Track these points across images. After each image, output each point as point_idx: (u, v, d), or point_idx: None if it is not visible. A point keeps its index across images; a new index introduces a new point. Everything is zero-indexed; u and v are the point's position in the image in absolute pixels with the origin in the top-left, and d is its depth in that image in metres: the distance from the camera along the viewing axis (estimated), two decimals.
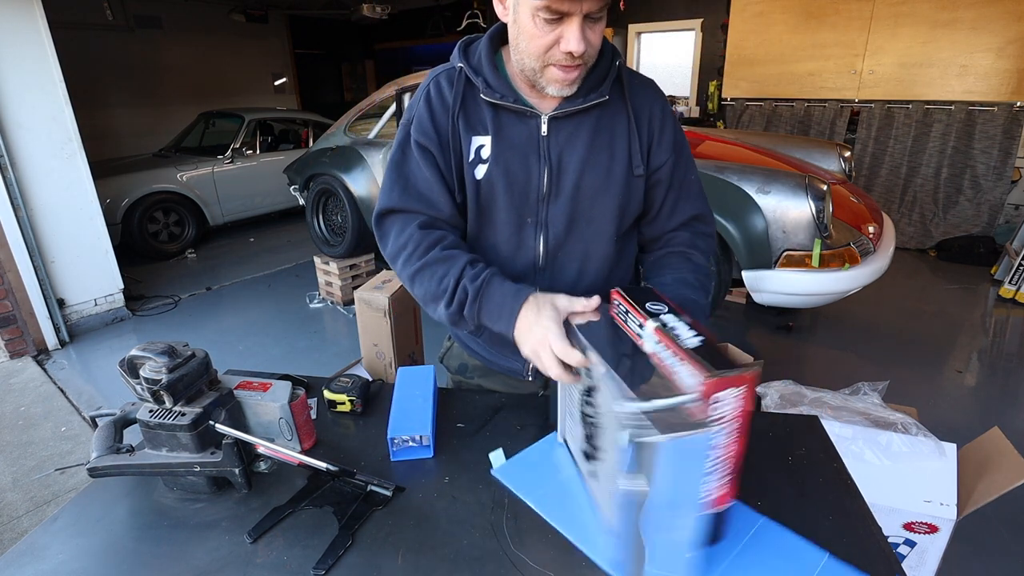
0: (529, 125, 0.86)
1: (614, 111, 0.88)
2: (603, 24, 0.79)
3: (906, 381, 2.61)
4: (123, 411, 0.86)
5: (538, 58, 0.79)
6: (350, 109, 4.04)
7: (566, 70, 0.79)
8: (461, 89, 0.87)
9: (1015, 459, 1.22)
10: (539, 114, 0.85)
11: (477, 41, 0.89)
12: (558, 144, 0.86)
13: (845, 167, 3.14)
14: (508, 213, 0.88)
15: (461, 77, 0.87)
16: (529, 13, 0.75)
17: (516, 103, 0.85)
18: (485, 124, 0.86)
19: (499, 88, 0.85)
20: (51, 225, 3.21)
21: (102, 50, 6.46)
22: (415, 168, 0.88)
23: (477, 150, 0.86)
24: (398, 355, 2.23)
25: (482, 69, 0.86)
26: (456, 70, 0.87)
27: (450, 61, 0.90)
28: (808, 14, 4.52)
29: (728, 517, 0.69)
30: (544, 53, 0.78)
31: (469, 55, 0.88)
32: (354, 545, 0.72)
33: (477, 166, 0.87)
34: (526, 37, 0.78)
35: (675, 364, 0.61)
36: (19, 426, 2.48)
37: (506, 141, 0.86)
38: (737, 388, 0.57)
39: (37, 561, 0.71)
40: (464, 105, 0.87)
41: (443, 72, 0.89)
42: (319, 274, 3.92)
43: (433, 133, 0.87)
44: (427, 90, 0.89)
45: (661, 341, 0.64)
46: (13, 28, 2.95)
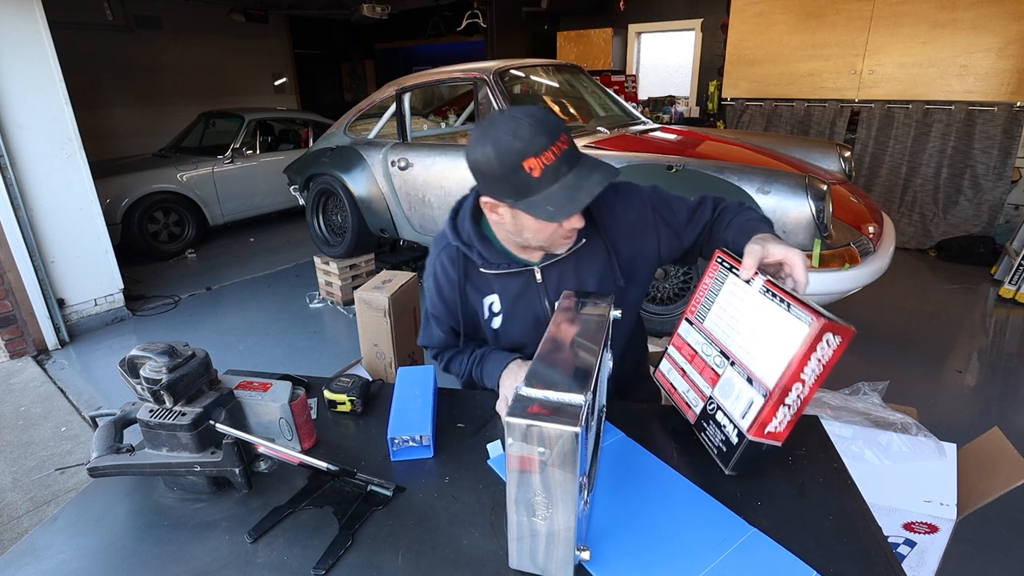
0: (525, 276, 1.05)
1: (592, 246, 1.04)
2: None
3: (906, 381, 2.61)
4: (123, 411, 0.86)
5: (547, 239, 0.95)
6: (350, 109, 4.03)
7: (570, 236, 0.98)
8: (462, 264, 1.06)
9: (1015, 459, 1.22)
10: (532, 266, 1.04)
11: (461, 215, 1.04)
12: (553, 284, 1.05)
13: (845, 167, 3.14)
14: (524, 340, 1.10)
15: (459, 255, 1.05)
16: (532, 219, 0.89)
17: (511, 266, 1.03)
18: (491, 285, 1.06)
19: (493, 258, 1.02)
20: (51, 225, 3.21)
21: (102, 50, 6.46)
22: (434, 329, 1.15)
23: (490, 306, 1.08)
24: (398, 355, 2.23)
25: (473, 244, 1.02)
26: (453, 248, 1.05)
27: (444, 236, 1.07)
28: (808, 14, 4.52)
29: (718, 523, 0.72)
30: (552, 235, 0.94)
31: (459, 232, 1.04)
32: (354, 545, 0.72)
33: (493, 319, 1.09)
34: (532, 231, 0.93)
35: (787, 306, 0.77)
36: (19, 426, 2.48)
37: (510, 294, 1.06)
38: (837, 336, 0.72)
39: (37, 561, 0.71)
40: (468, 276, 1.07)
41: (443, 251, 1.08)
42: (319, 274, 3.92)
43: (441, 306, 1.10)
44: (434, 271, 1.09)
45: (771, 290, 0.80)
46: (13, 28, 2.95)
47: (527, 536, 0.64)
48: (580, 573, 0.67)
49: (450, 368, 1.18)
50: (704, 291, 0.94)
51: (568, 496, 0.60)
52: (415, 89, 3.57)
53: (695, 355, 0.94)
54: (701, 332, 0.94)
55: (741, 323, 0.85)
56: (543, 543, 0.64)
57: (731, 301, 0.88)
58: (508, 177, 0.86)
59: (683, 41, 6.28)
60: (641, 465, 0.87)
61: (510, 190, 0.87)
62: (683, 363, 0.97)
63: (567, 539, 0.63)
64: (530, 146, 0.83)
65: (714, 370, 0.88)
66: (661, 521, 0.75)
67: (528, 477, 0.61)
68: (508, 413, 0.60)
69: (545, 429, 0.58)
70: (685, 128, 3.76)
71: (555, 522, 0.62)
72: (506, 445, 0.61)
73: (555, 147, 0.84)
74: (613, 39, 6.23)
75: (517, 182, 0.85)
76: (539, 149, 0.83)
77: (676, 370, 0.98)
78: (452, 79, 3.42)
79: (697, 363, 0.93)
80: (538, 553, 0.65)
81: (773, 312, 0.79)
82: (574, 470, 0.59)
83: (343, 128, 3.96)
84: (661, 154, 2.70)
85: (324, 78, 9.81)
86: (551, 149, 0.84)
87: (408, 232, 3.66)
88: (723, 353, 0.87)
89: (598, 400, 0.76)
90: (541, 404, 0.61)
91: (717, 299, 0.90)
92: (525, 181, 0.85)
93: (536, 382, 0.64)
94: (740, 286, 0.86)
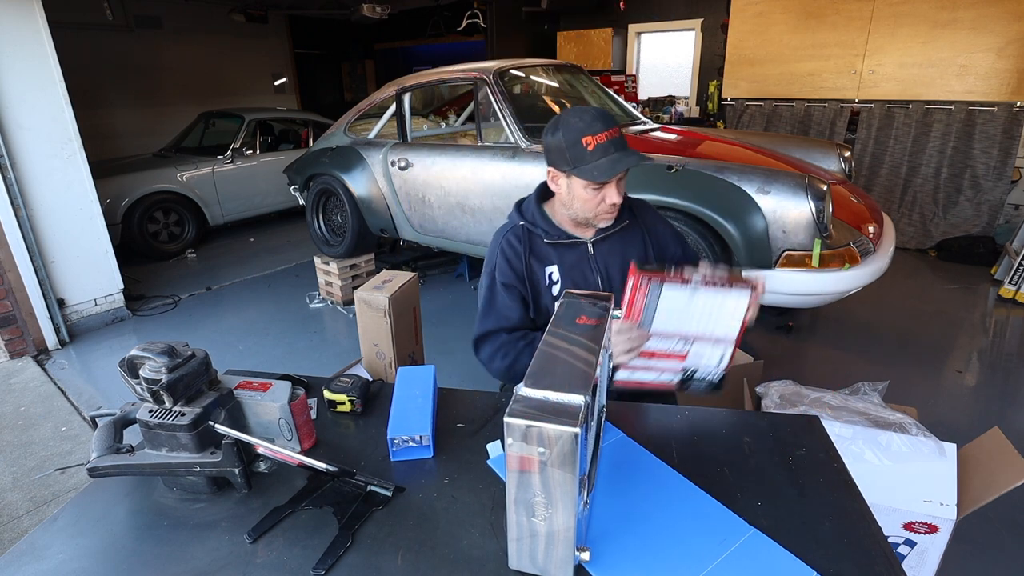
0: (579, 250, 1.28)
1: (632, 230, 1.32)
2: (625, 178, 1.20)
3: (906, 381, 2.61)
4: (123, 411, 0.86)
5: (591, 211, 1.20)
6: (350, 109, 4.03)
7: (611, 213, 1.22)
8: (527, 239, 1.26)
9: (1015, 459, 1.22)
10: (585, 241, 1.28)
11: (527, 201, 1.31)
12: (603, 257, 1.28)
13: (845, 167, 3.14)
14: None
15: (524, 231, 1.27)
16: (582, 186, 1.16)
17: (569, 239, 1.27)
18: (551, 257, 1.27)
19: (553, 232, 1.26)
20: (51, 225, 3.21)
21: (102, 50, 6.46)
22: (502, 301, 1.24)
23: (550, 275, 1.26)
24: (398, 355, 2.23)
25: (537, 222, 1.27)
26: (520, 227, 1.27)
27: (510, 220, 1.31)
28: (808, 14, 4.52)
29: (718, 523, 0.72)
30: (595, 208, 1.19)
31: (524, 213, 1.29)
32: (354, 545, 0.72)
33: (552, 287, 1.27)
34: (580, 201, 1.19)
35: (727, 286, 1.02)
36: (19, 426, 2.48)
37: (567, 265, 1.27)
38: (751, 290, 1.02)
39: (37, 561, 0.71)
40: (532, 250, 1.26)
41: (510, 230, 1.28)
42: (319, 274, 3.92)
43: (511, 274, 1.25)
44: (501, 246, 1.27)
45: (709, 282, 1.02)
46: (13, 28, 2.95)
47: (527, 536, 0.64)
48: (580, 573, 0.67)
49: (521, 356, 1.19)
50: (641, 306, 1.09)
51: (568, 496, 0.60)
52: (415, 89, 3.57)
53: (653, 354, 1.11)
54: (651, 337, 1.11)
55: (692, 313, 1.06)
56: (543, 543, 0.64)
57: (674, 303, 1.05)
58: (569, 149, 1.13)
59: (683, 41, 6.28)
60: (641, 465, 0.87)
61: (569, 159, 1.13)
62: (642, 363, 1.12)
63: (567, 539, 0.63)
64: (590, 127, 1.12)
65: (679, 353, 1.10)
66: (661, 521, 0.75)
67: (528, 477, 0.61)
68: (507, 414, 0.60)
69: (545, 429, 0.58)
70: (685, 128, 3.77)
71: (555, 522, 0.62)
72: (506, 445, 0.61)
73: (608, 132, 1.12)
74: (613, 39, 6.23)
75: (575, 154, 1.12)
76: (596, 131, 1.11)
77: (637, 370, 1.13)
78: (452, 79, 3.42)
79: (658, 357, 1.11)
80: (538, 553, 0.65)
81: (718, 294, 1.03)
82: (574, 470, 0.59)
83: (343, 128, 3.96)
84: (661, 154, 2.70)
85: (324, 78, 9.81)
86: (605, 133, 1.12)
87: (408, 232, 3.66)
88: (683, 339, 1.08)
89: (598, 400, 0.76)
90: (541, 404, 0.61)
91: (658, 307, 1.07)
92: (581, 153, 1.12)
93: (536, 382, 0.64)
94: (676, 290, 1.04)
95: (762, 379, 1.78)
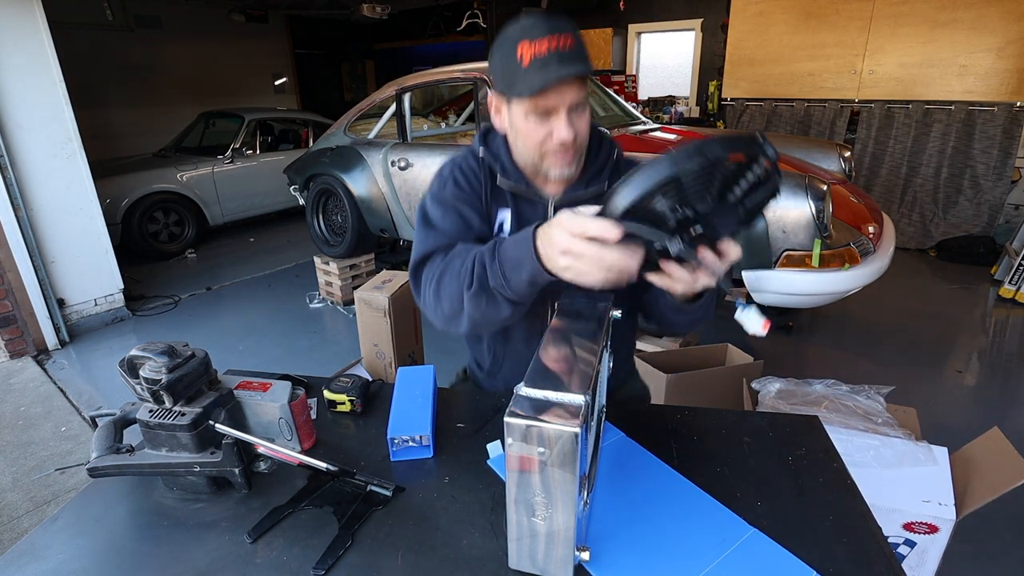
0: (538, 209, 0.97)
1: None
2: (587, 113, 0.89)
3: (906, 381, 2.61)
4: (123, 411, 0.86)
5: (535, 151, 0.89)
6: (350, 109, 4.04)
7: (562, 155, 0.89)
8: (486, 171, 0.98)
9: (1015, 459, 1.22)
10: (547, 199, 0.96)
11: (495, 131, 1.00)
12: None
13: (845, 167, 3.14)
14: None
15: (484, 163, 0.98)
16: (522, 115, 0.86)
17: (528, 189, 0.96)
18: (507, 201, 0.98)
19: (513, 175, 0.95)
20: (51, 225, 3.21)
21: (102, 50, 6.46)
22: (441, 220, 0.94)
23: (501, 223, 0.98)
24: (398, 355, 2.23)
25: (500, 155, 0.96)
26: (481, 158, 0.98)
27: (471, 147, 1.01)
28: (808, 14, 4.52)
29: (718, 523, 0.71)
30: (540, 147, 0.88)
31: (489, 143, 0.99)
32: (354, 545, 0.72)
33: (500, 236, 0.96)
34: (522, 136, 0.89)
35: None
36: (19, 426, 2.48)
37: (523, 218, 0.97)
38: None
39: (37, 561, 0.71)
40: (491, 183, 0.98)
41: (467, 155, 1.00)
42: (319, 274, 3.92)
43: (471, 192, 0.97)
44: (459, 166, 0.99)
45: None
46: (13, 28, 2.95)
47: (527, 536, 0.64)
48: (580, 573, 0.67)
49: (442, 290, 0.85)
50: None
51: (568, 496, 0.60)
52: (415, 89, 3.57)
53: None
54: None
55: None
56: (543, 543, 0.64)
57: None
58: (502, 64, 0.84)
59: (683, 41, 6.28)
60: (641, 465, 0.87)
61: (501, 79, 0.85)
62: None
63: (567, 539, 0.63)
64: (525, 32, 0.80)
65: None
66: (661, 521, 0.75)
67: (528, 477, 0.61)
68: (508, 414, 0.60)
69: (545, 429, 0.58)
70: (685, 128, 3.77)
71: (555, 522, 0.62)
72: (506, 445, 0.61)
73: (552, 40, 0.79)
74: (613, 39, 6.23)
75: (508, 70, 0.82)
76: (533, 36, 0.79)
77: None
78: (452, 79, 3.42)
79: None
80: (538, 553, 0.65)
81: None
82: (574, 470, 0.59)
83: (343, 128, 3.97)
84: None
85: (324, 78, 9.81)
86: (546, 40, 0.78)
87: (408, 232, 3.66)
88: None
89: (598, 400, 0.76)
90: (541, 404, 0.61)
91: None
92: (514, 68, 0.81)
93: (536, 382, 0.64)
94: None
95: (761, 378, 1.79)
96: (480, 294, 0.79)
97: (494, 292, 0.78)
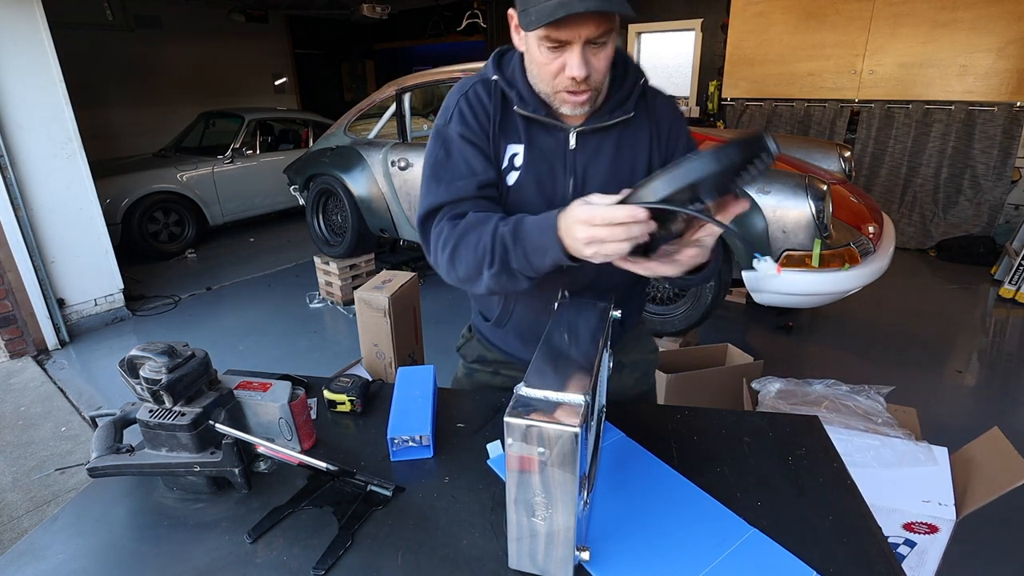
0: (558, 137, 0.90)
1: (637, 127, 0.92)
2: (609, 48, 0.82)
3: (906, 381, 2.61)
4: (123, 411, 0.86)
5: (548, 83, 0.83)
6: (350, 109, 4.04)
7: (574, 94, 0.82)
8: (498, 99, 0.90)
9: (1015, 459, 1.22)
10: (568, 128, 0.89)
11: (511, 53, 0.92)
12: (584, 157, 0.90)
13: (845, 167, 3.14)
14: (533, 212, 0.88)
15: (497, 88, 0.90)
16: (535, 41, 0.79)
17: (547, 116, 0.88)
18: (519, 133, 0.90)
19: (531, 101, 0.88)
20: (51, 225, 3.21)
21: (102, 50, 6.46)
22: (460, 159, 0.88)
23: (511, 158, 0.90)
24: (398, 355, 2.23)
25: (516, 82, 0.89)
26: (492, 82, 0.90)
27: (483, 71, 0.93)
28: (808, 14, 4.52)
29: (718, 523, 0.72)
30: (552, 79, 0.82)
31: (503, 67, 0.91)
32: (354, 545, 0.72)
33: (510, 172, 0.91)
34: (536, 65, 0.83)
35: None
36: (19, 426, 2.48)
37: (537, 151, 0.90)
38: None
39: (37, 561, 0.71)
40: (502, 113, 0.90)
41: (479, 81, 0.92)
42: (319, 274, 3.92)
43: (479, 128, 0.89)
44: (466, 95, 0.91)
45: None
46: (13, 28, 2.95)
47: (527, 536, 0.64)
48: (580, 573, 0.67)
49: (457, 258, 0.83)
50: None
51: (568, 496, 0.61)
52: (415, 89, 3.57)
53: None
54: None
55: None
56: (543, 543, 0.64)
57: None
58: None
59: (683, 41, 6.27)
60: (641, 465, 0.87)
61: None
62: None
63: (567, 539, 0.63)
64: None
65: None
66: (661, 521, 0.75)
67: (528, 477, 0.61)
68: (508, 414, 0.60)
69: (545, 429, 0.58)
70: None
71: (555, 522, 0.62)
72: (506, 445, 0.61)
73: None
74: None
75: None
76: None
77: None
78: (452, 79, 3.42)
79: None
80: (538, 553, 0.65)
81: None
82: (574, 470, 0.59)
83: (343, 128, 3.97)
84: None
85: (324, 78, 9.82)
86: None
87: (408, 232, 3.66)
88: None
89: (598, 400, 0.76)
90: (541, 404, 0.61)
91: None
92: None
93: (536, 382, 0.64)
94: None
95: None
96: (502, 273, 0.80)
97: (516, 272, 0.79)
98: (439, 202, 0.87)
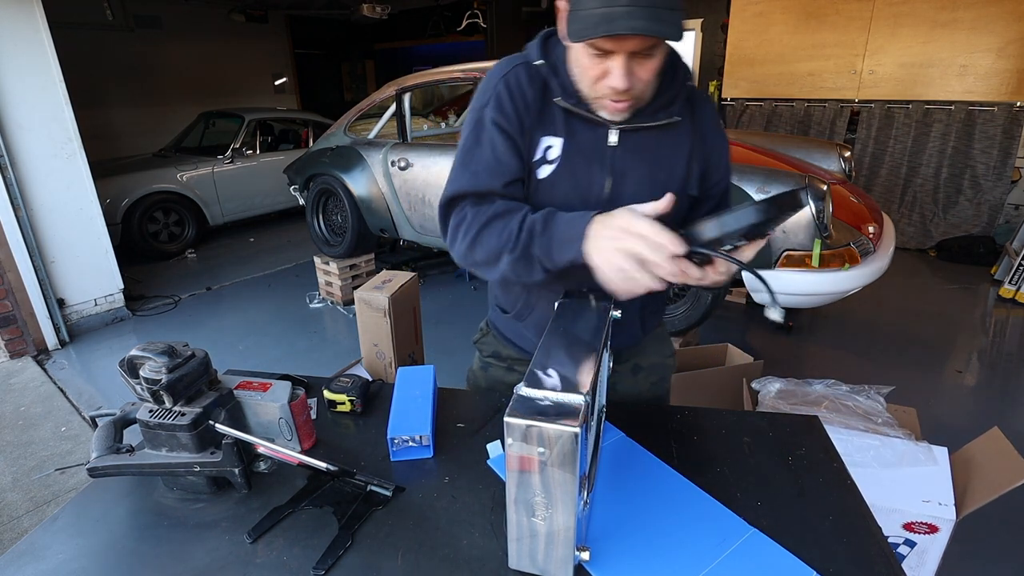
0: (598, 133, 0.86)
1: (680, 131, 0.89)
2: (656, 60, 0.78)
3: (906, 381, 2.61)
4: (123, 411, 0.86)
5: (589, 88, 0.81)
6: (350, 109, 4.04)
7: (614, 101, 0.80)
8: (540, 86, 0.85)
9: (1015, 459, 1.22)
10: (609, 124, 0.85)
11: (556, 36, 0.86)
12: (624, 156, 0.87)
13: (845, 167, 3.14)
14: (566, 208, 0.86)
15: (539, 75, 0.86)
16: (580, 45, 0.76)
17: (589, 111, 0.84)
18: (557, 126, 0.86)
19: (574, 94, 0.84)
20: (51, 225, 3.21)
21: (102, 50, 6.46)
22: (489, 150, 0.85)
23: (545, 150, 0.86)
24: (398, 355, 2.23)
25: (560, 69, 0.85)
26: (535, 67, 0.86)
27: (526, 52, 0.89)
28: (808, 14, 4.52)
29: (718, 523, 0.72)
30: (594, 84, 0.79)
31: (549, 51, 0.86)
32: (354, 545, 0.72)
33: (542, 166, 0.87)
34: (579, 67, 0.80)
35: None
36: (19, 426, 2.48)
37: (576, 146, 0.86)
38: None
39: (37, 561, 0.71)
40: (542, 101, 0.86)
41: (521, 64, 0.87)
42: (319, 274, 3.92)
43: (514, 118, 0.84)
44: (506, 78, 0.86)
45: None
46: (13, 28, 2.95)
47: (527, 536, 0.64)
48: (580, 573, 0.67)
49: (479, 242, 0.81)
50: None
51: (568, 496, 0.61)
52: (415, 89, 3.57)
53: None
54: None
55: None
56: (543, 543, 0.64)
57: None
58: None
59: (683, 41, 6.27)
60: (641, 465, 0.87)
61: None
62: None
63: (567, 539, 0.63)
64: None
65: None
66: (661, 521, 0.75)
67: (528, 477, 0.61)
68: (508, 414, 0.60)
69: (545, 429, 0.58)
70: None
71: (555, 522, 0.62)
72: (506, 445, 0.61)
73: None
74: None
75: None
76: None
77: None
78: (452, 79, 3.42)
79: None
80: (538, 553, 0.65)
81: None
82: (574, 470, 0.59)
83: (343, 128, 3.97)
84: None
85: (324, 78, 9.82)
86: None
87: (408, 232, 3.66)
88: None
89: (598, 400, 0.76)
90: (541, 404, 0.61)
91: None
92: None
93: (536, 382, 0.64)
94: None
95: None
96: (521, 259, 0.79)
97: (535, 260, 0.78)
98: (463, 190, 0.85)
